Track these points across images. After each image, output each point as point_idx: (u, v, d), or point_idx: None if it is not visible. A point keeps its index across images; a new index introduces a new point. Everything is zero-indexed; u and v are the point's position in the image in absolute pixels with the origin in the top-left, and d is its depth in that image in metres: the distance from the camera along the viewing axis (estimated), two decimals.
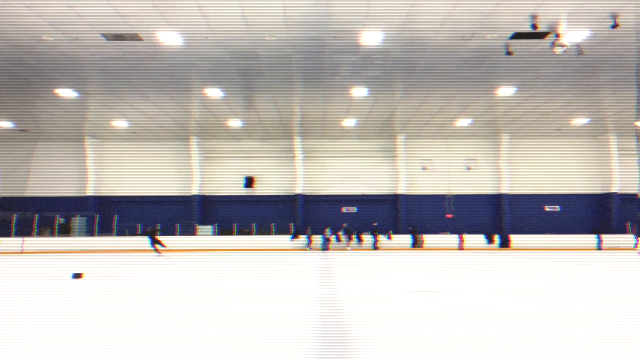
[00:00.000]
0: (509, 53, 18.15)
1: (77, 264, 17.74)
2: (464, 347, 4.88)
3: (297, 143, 34.33)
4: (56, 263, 18.50)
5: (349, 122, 30.36)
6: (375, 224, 32.66)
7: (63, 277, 12.46)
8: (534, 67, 20.54)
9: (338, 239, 31.62)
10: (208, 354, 4.67)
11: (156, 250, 24.09)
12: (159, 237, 24.67)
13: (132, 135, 33.42)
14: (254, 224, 34.21)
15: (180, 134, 33.43)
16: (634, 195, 33.38)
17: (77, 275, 12.20)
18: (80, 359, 4.56)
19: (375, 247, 31.17)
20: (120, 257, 23.16)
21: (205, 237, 31.93)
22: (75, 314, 6.93)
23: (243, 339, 5.24)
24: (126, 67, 20.33)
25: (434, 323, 6.12)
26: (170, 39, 17.37)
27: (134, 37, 17.25)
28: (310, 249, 30.76)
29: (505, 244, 32.68)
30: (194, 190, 34.24)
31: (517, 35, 17.25)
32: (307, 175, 35.08)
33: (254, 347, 4.91)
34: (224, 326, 6.02)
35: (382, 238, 31.78)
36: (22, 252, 28.45)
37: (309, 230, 31.39)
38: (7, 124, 29.65)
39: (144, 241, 30.26)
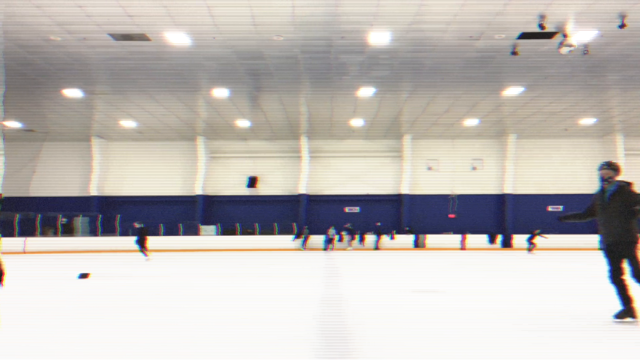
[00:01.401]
0: (514, 53, 18.16)
1: (81, 264, 17.71)
2: (467, 347, 4.88)
3: (304, 143, 34.30)
4: (60, 263, 18.47)
5: (357, 122, 30.40)
6: (379, 224, 32.64)
7: (67, 277, 12.42)
8: (542, 67, 20.55)
9: (341, 239, 31.63)
10: (215, 353, 4.67)
11: (144, 251, 20.74)
12: (148, 238, 21.35)
13: (139, 135, 33.40)
14: (257, 224, 34.19)
15: (187, 134, 33.42)
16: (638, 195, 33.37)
17: (83, 276, 12.18)
18: (88, 358, 4.56)
19: (377, 247, 31.16)
20: (123, 257, 23.14)
21: (208, 237, 31.92)
22: (85, 314, 6.93)
23: (247, 339, 5.25)
24: (133, 67, 20.31)
25: (436, 323, 6.12)
26: (177, 39, 17.35)
27: (142, 37, 17.24)
28: (305, 249, 30.72)
29: (507, 243, 32.71)
30: (198, 191, 34.20)
31: (525, 35, 17.26)
32: (311, 175, 35.04)
33: (259, 346, 4.91)
34: (230, 326, 6.03)
35: (385, 238, 31.77)
36: (24, 252, 28.40)
37: (305, 230, 31.34)
38: (15, 124, 29.61)
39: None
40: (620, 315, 6.18)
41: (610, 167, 6.74)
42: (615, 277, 6.19)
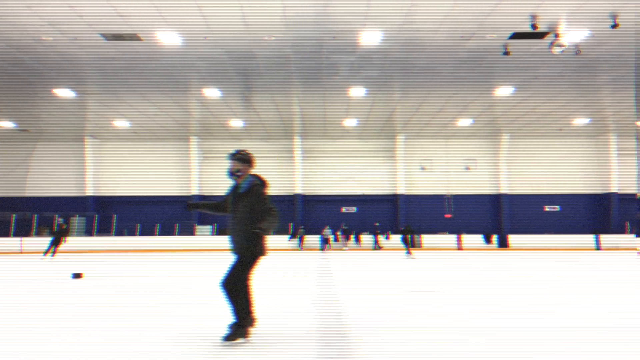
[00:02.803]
0: (506, 53, 18.16)
1: (76, 264, 17.69)
2: (462, 346, 4.87)
3: (297, 143, 34.29)
4: (56, 263, 18.44)
5: (350, 122, 30.38)
6: (377, 224, 32.62)
7: (63, 277, 12.43)
8: (533, 67, 20.55)
9: (336, 239, 31.65)
10: (214, 353, 4.66)
11: (51, 251, 19.96)
12: (63, 239, 20.11)
13: (132, 135, 33.39)
14: None
15: (180, 134, 33.41)
16: (634, 195, 33.43)
17: (77, 275, 12.18)
18: (85, 358, 4.56)
19: (375, 247, 31.12)
20: (119, 257, 23.13)
21: (204, 237, 31.90)
22: (81, 314, 6.92)
23: (247, 339, 5.23)
24: (125, 67, 20.31)
25: (433, 323, 6.10)
26: (169, 39, 17.36)
27: (133, 37, 17.24)
28: (302, 249, 30.71)
29: (503, 244, 32.70)
30: (193, 190, 34.21)
31: (517, 35, 17.26)
32: (306, 175, 35.06)
33: (259, 346, 4.90)
34: (227, 326, 6.01)
35: (381, 238, 31.75)
36: (20, 252, 28.39)
37: (300, 230, 31.34)
38: (8, 124, 29.62)
39: (142, 241, 30.29)
40: (229, 337, 4.89)
41: (238, 158, 5.41)
42: (229, 283, 5.00)
